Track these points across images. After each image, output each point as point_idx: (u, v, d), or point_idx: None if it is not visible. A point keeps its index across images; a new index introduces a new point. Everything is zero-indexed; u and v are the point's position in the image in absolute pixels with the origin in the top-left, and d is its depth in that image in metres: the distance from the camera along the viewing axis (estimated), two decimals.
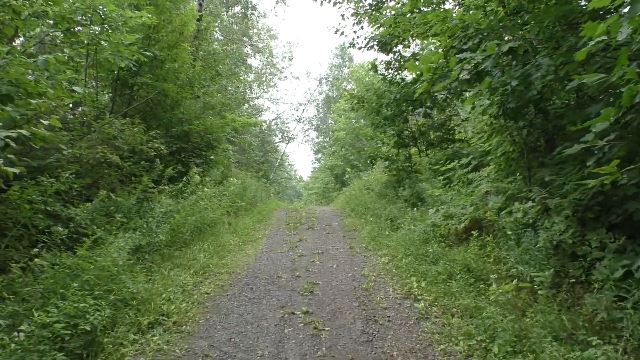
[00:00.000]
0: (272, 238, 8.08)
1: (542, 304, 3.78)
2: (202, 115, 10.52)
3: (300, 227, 9.13)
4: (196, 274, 5.51)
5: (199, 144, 10.02)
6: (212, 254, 6.39)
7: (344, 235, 8.21)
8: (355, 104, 10.82)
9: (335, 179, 26.13)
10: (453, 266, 5.10)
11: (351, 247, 7.19)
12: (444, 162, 8.56)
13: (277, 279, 5.57)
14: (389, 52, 10.63)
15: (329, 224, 9.43)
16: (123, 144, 7.13)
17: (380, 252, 6.62)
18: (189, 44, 10.54)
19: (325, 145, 35.51)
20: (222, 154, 13.41)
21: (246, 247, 7.30)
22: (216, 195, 8.39)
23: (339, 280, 5.45)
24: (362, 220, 9.28)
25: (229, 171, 13.89)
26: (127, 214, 6.48)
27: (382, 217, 8.59)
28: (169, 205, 6.83)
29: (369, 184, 14.15)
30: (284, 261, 6.42)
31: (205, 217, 7.37)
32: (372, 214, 9.27)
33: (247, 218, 9.57)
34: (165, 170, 7.82)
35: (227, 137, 15.10)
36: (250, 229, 8.75)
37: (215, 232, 7.36)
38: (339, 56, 41.14)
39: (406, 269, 5.49)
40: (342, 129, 25.80)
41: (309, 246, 7.35)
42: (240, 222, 8.94)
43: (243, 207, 9.99)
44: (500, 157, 6.08)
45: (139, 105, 9.90)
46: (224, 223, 8.23)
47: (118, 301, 4.08)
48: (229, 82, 14.42)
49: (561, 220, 4.64)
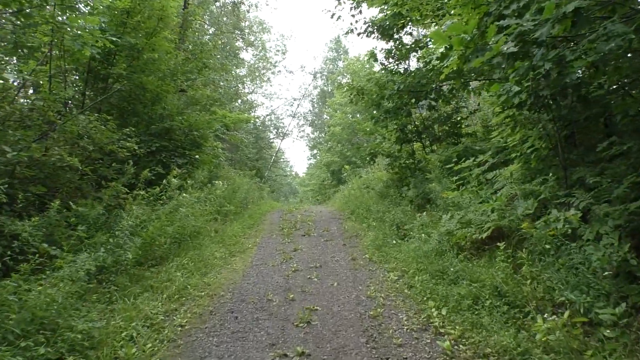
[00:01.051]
0: (264, 247, 7.17)
1: (608, 349, 2.91)
2: (186, 110, 9.55)
3: (295, 233, 8.23)
4: (170, 300, 4.59)
5: (182, 142, 9.06)
6: (192, 271, 5.47)
7: (344, 243, 7.31)
8: (354, 96, 9.89)
9: (331, 175, 25.27)
10: (479, 288, 4.21)
11: (353, 259, 6.29)
12: (455, 160, 7.67)
13: (267, 303, 4.67)
14: (390, 38, 9.70)
15: (327, 229, 8.53)
16: (89, 144, 6.18)
17: (388, 266, 5.73)
18: (171, 32, 9.56)
19: (320, 141, 34.57)
20: (211, 152, 12.49)
21: (233, 260, 6.38)
22: (200, 200, 7.46)
23: (341, 305, 4.55)
24: (363, 225, 8.38)
25: (219, 171, 12.95)
26: (92, 226, 5.56)
27: (386, 222, 7.70)
28: (142, 214, 5.90)
29: (369, 182, 13.26)
30: (276, 278, 5.51)
31: (186, 226, 6.45)
32: (374, 218, 8.38)
33: (236, 224, 8.65)
34: (142, 173, 6.90)
35: (217, 134, 14.16)
36: (240, 236, 7.83)
37: (198, 243, 6.43)
38: (333, 49, 40.17)
39: (421, 290, 4.60)
40: (338, 124, 24.88)
41: (305, 258, 6.45)
42: (228, 229, 8.02)
43: (232, 211, 9.07)
44: (530, 154, 5.18)
45: (113, 100, 8.95)
46: (209, 232, 7.30)
47: (60, 346, 3.17)
48: (218, 76, 13.44)
49: (610, 230, 3.78)
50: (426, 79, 8.69)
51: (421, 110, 10.96)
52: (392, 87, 8.84)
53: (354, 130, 24.59)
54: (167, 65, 9.33)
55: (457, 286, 4.41)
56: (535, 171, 5.33)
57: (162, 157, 8.36)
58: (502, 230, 5.11)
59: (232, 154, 22.39)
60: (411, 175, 9.75)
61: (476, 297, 4.12)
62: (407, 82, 8.67)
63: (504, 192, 5.28)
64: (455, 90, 9.78)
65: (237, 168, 21.36)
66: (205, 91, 10.06)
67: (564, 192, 4.65)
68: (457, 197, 5.96)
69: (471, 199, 5.81)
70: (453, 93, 9.95)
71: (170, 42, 9.39)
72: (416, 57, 11.29)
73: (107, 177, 6.64)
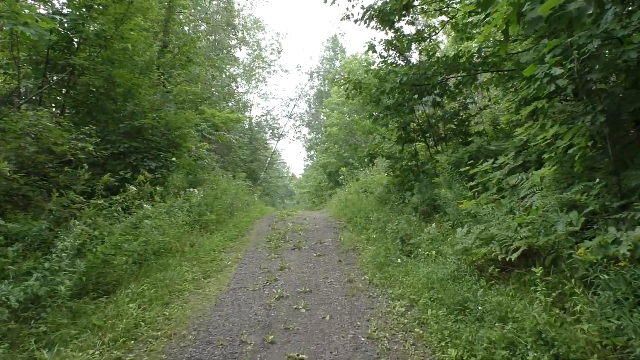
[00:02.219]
0: (246, 265, 6.13)
1: None
2: (162, 107, 8.52)
3: (284, 246, 7.20)
4: (114, 344, 3.55)
5: (157, 142, 8.03)
6: (152, 300, 4.43)
7: (339, 259, 6.28)
8: (351, 91, 8.87)
9: (328, 177, 24.39)
10: (515, 331, 3.19)
11: (350, 280, 5.26)
12: (466, 161, 6.68)
13: (239, 346, 3.64)
14: (391, 26, 8.68)
15: (321, 241, 7.50)
16: (32, 144, 5.15)
17: (392, 292, 4.71)
18: (146, 20, 8.53)
19: (317, 142, 33.66)
20: (195, 154, 11.48)
21: (207, 282, 5.35)
22: (173, 209, 6.41)
23: (334, 350, 3.52)
24: (362, 236, 7.35)
25: (206, 174, 11.91)
26: (29, 245, 4.55)
27: (388, 233, 6.67)
28: (92, 229, 4.87)
29: (367, 185, 12.26)
30: (255, 309, 4.48)
31: (152, 241, 5.41)
32: (374, 228, 7.35)
33: (217, 235, 7.61)
34: (102, 178, 5.89)
35: (203, 134, 13.14)
36: (220, 250, 6.79)
37: (164, 263, 5.39)
38: (330, 49, 39.41)
39: (437, 330, 3.58)
40: (335, 124, 23.94)
41: (292, 279, 5.42)
42: (206, 242, 6.98)
43: (213, 221, 8.02)
44: (567, 155, 4.16)
45: (80, 96, 7.94)
46: (182, 246, 6.26)
47: None
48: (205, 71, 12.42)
49: None
50: (432, 71, 7.69)
51: (424, 108, 9.97)
52: (394, 79, 7.82)
53: (351, 131, 23.72)
54: (141, 57, 8.31)
55: (485, 327, 3.39)
56: (573, 176, 4.33)
57: (132, 159, 7.33)
58: (535, 250, 4.11)
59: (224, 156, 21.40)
60: (415, 178, 8.75)
61: (512, 344, 3.11)
62: (411, 74, 7.66)
63: (536, 203, 4.27)
64: (462, 84, 8.83)
65: (229, 170, 20.37)
66: (185, 86, 9.04)
67: (618, 204, 3.65)
68: (474, 207, 4.94)
69: (492, 209, 4.80)
70: (460, 88, 8.99)
71: (144, 31, 8.36)
72: (418, 49, 10.32)
73: (59, 184, 5.62)
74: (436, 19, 11.55)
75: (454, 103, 9.55)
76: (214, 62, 14.17)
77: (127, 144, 7.32)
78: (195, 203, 7.42)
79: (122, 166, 7.21)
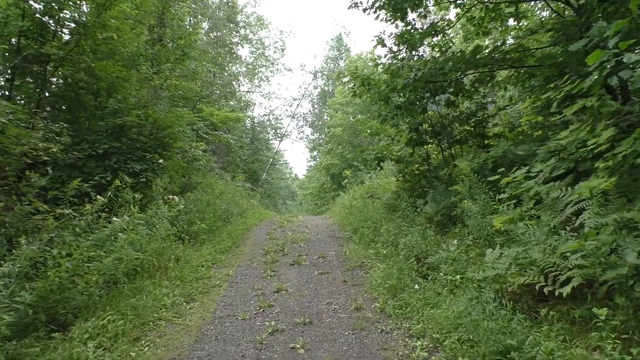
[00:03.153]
0: (237, 285, 5.34)
1: None
2: (150, 103, 7.73)
3: (282, 261, 6.40)
4: None
5: (143, 143, 7.24)
6: (118, 335, 3.64)
7: (344, 279, 5.46)
8: (358, 88, 8.07)
9: (331, 179, 23.67)
10: None
11: (358, 308, 4.46)
12: (489, 167, 5.87)
13: None
14: (403, 18, 7.88)
15: (323, 255, 6.69)
16: None
17: (410, 326, 3.90)
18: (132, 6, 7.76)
19: (321, 142, 32.89)
20: (190, 155, 10.72)
21: (190, 308, 4.56)
22: (152, 220, 5.61)
23: None
24: (370, 250, 6.54)
25: (202, 177, 11.14)
26: None
27: (400, 248, 5.86)
28: (54, 245, 4.09)
29: (374, 190, 11.46)
30: (244, 347, 3.68)
31: (125, 259, 4.62)
32: (384, 241, 6.55)
33: (208, 247, 6.82)
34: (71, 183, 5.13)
35: (200, 133, 12.37)
36: (209, 266, 6.01)
37: (139, 285, 4.59)
38: (335, 48, 38.63)
39: None
40: (338, 125, 23.17)
41: (290, 305, 4.62)
42: (194, 255, 6.19)
43: (205, 230, 7.23)
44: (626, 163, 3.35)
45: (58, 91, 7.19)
46: (165, 262, 5.47)
47: None
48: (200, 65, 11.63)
49: None
50: (450, 66, 6.88)
51: (436, 108, 9.17)
52: (408, 74, 7.00)
53: (355, 132, 22.99)
54: (127, 48, 7.54)
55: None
56: (635, 190, 3.52)
57: (113, 162, 6.55)
58: (591, 282, 3.31)
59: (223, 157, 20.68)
60: (428, 185, 7.94)
61: None
62: (427, 70, 6.84)
63: (589, 222, 3.46)
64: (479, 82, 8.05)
65: (229, 171, 19.59)
66: (175, 81, 8.25)
67: None
68: (510, 223, 4.12)
69: (530, 227, 3.98)
70: (475, 86, 8.20)
71: (131, 20, 7.59)
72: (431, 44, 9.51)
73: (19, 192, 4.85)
74: (449, 12, 10.77)
75: (468, 103, 8.75)
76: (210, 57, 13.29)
77: (107, 144, 6.55)
78: (182, 211, 6.62)
79: (102, 169, 6.44)
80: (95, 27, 6.79)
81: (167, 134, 7.65)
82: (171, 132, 7.65)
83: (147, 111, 7.52)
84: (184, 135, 9.93)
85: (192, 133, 10.86)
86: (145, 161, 7.02)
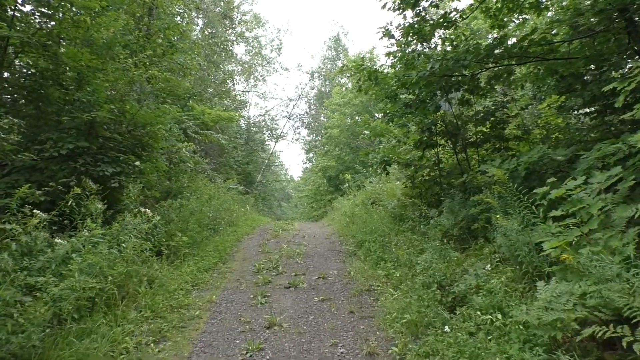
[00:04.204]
0: (221, 316, 4.40)
1: None
2: (128, 98, 6.78)
3: (276, 282, 5.47)
4: None
5: (118, 142, 6.29)
6: None
7: (351, 309, 4.52)
8: (365, 82, 7.16)
9: (328, 181, 22.87)
10: None
11: (371, 354, 3.53)
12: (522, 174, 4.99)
13: None
14: (416, 4, 6.99)
15: (324, 275, 5.75)
16: None
17: None
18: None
19: (317, 144, 32.08)
20: (178, 156, 9.79)
21: (158, 351, 3.61)
22: (117, 236, 4.64)
23: None
24: (379, 270, 5.60)
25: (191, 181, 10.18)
26: None
27: (416, 270, 4.95)
28: None
29: (376, 196, 10.57)
30: None
31: (79, 289, 3.66)
32: (394, 261, 5.63)
33: (189, 264, 5.89)
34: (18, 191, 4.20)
35: (188, 132, 11.42)
36: (188, 288, 5.07)
37: (95, 322, 3.64)
38: (333, 48, 37.81)
39: None
40: (336, 126, 22.33)
41: (285, 349, 3.68)
42: (171, 276, 5.24)
43: (186, 244, 6.29)
44: None
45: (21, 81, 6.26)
46: (139, 283, 4.54)
47: None
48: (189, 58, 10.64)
49: None
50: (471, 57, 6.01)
51: (448, 107, 8.30)
52: (424, 66, 6.10)
53: (354, 133, 22.16)
54: (101, 34, 6.60)
55: None
56: None
57: (79, 164, 5.60)
58: None
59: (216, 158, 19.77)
60: (442, 192, 7.04)
61: None
62: (445, 62, 5.94)
63: None
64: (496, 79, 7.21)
65: (222, 172, 18.64)
66: (156, 72, 7.29)
67: None
68: (566, 250, 3.22)
69: (595, 255, 3.09)
70: (492, 84, 7.36)
71: None
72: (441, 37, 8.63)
73: None
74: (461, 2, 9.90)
75: (482, 102, 7.89)
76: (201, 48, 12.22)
77: (72, 143, 5.59)
78: (159, 223, 5.68)
79: (67, 172, 5.50)
80: (64, 10, 5.86)
81: (146, 133, 6.71)
82: (151, 130, 6.70)
83: (125, 106, 6.58)
84: (170, 135, 9.00)
85: (179, 132, 9.91)
86: (119, 163, 6.08)
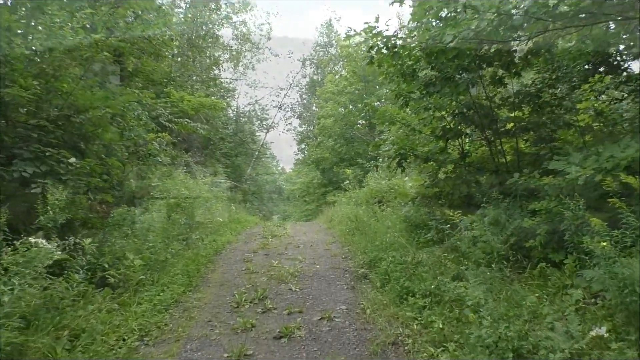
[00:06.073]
0: None
1: None
2: (62, 73, 5.06)
3: (262, 327, 3.86)
4: None
5: (45, 133, 4.62)
6: None
7: None
8: (378, 53, 5.50)
9: (321, 174, 21.55)
10: None
11: None
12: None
13: None
14: None
15: (328, 315, 4.10)
16: None
17: None
18: None
19: (309, 135, 30.58)
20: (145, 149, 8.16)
21: None
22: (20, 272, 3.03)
23: None
24: (405, 308, 3.93)
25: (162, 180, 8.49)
26: None
27: (466, 316, 3.39)
28: None
29: (383, 194, 9.04)
30: None
31: None
32: (426, 294, 4.04)
33: (143, 297, 4.26)
34: None
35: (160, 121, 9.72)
36: (131, 344, 3.46)
37: None
38: (325, 34, 35.95)
39: None
40: (329, 116, 20.84)
41: None
42: (114, 321, 3.64)
43: (140, 268, 4.67)
44: None
45: None
46: (56, 341, 2.93)
47: None
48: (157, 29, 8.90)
49: None
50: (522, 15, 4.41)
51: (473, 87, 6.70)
52: (454, 30, 4.50)
53: (348, 123, 20.67)
54: None
55: None
56: None
57: None
58: None
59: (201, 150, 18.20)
60: (476, 195, 5.47)
61: None
62: (487, 24, 4.34)
63: None
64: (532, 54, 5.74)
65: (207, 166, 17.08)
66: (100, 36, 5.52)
67: None
68: None
69: None
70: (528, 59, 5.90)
71: None
72: None
73: None
74: None
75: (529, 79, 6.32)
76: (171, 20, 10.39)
77: None
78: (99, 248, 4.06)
79: None
80: None
81: (88, 120, 5.03)
82: (94, 115, 5.02)
83: (57, 84, 4.89)
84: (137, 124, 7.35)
85: (146, 120, 8.20)
86: (45, 161, 4.41)
